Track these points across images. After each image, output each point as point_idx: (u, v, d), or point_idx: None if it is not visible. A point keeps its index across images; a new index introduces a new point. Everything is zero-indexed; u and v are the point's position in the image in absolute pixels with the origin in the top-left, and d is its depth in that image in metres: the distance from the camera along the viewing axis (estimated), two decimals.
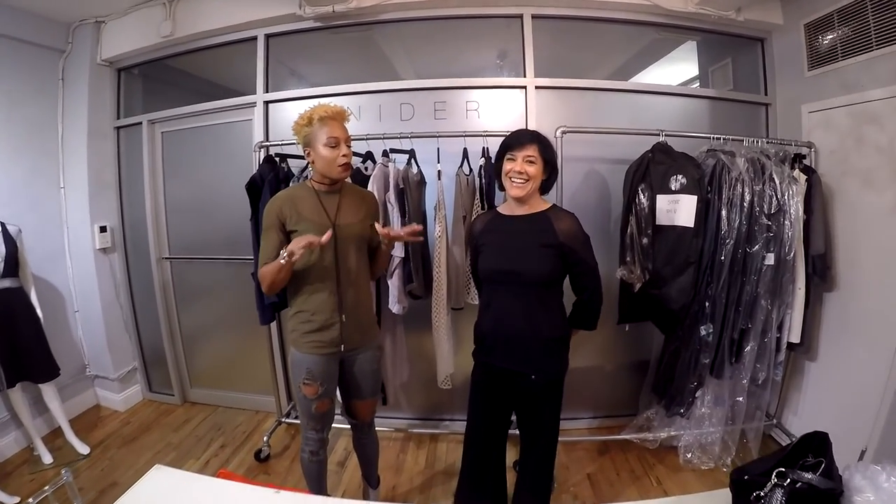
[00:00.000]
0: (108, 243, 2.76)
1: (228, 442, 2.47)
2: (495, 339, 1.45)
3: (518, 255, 1.40)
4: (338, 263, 1.43)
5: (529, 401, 1.48)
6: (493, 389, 1.51)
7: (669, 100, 2.41)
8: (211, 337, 2.86)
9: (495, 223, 1.50)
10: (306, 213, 1.40)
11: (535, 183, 1.40)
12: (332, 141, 1.36)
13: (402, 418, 2.54)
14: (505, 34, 2.38)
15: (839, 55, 2.06)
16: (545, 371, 1.43)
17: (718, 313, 1.98)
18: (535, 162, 1.38)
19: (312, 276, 1.42)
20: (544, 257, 1.38)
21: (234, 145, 2.53)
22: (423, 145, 2.04)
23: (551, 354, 1.44)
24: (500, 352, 1.45)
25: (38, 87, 2.56)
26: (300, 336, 1.45)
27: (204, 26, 2.48)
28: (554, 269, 1.39)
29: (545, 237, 1.39)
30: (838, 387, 2.10)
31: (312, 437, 1.55)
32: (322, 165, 1.39)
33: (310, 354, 1.44)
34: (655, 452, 2.25)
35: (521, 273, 1.38)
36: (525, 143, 1.39)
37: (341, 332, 1.46)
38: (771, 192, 1.94)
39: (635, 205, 1.93)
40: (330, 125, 1.37)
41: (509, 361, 1.44)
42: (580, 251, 1.41)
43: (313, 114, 1.37)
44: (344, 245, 1.44)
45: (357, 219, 1.48)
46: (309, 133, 1.38)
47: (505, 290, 1.43)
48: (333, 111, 1.39)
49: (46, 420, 2.46)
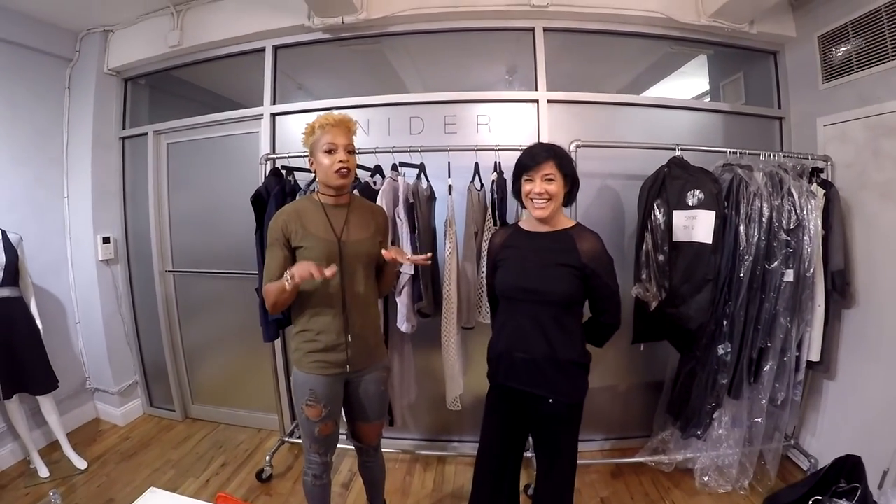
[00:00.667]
0: (111, 255, 2.72)
1: (230, 461, 2.40)
2: (511, 360, 1.39)
3: (538, 273, 1.34)
4: (344, 282, 1.37)
5: (546, 425, 1.41)
6: (508, 413, 1.45)
7: (682, 114, 2.38)
8: (214, 352, 2.81)
9: (515, 239, 1.44)
10: (312, 228, 1.35)
11: (557, 201, 1.34)
12: (330, 146, 1.33)
13: (409, 439, 2.48)
14: (515, 48, 2.36)
15: (854, 67, 2.04)
16: (563, 394, 1.35)
17: (737, 332, 1.92)
18: (555, 179, 1.32)
19: (318, 295, 1.36)
20: (565, 277, 1.32)
21: (240, 158, 2.50)
22: (434, 160, 2.01)
23: (569, 378, 1.37)
24: (517, 373, 1.38)
25: (43, 94, 2.55)
26: (304, 356, 1.39)
27: (212, 37, 2.47)
28: (575, 290, 1.33)
29: (567, 257, 1.33)
30: (858, 406, 2.04)
31: (315, 461, 1.48)
32: (321, 173, 1.36)
33: (313, 375, 1.39)
34: (671, 475, 2.18)
35: (541, 292, 1.32)
36: (541, 161, 1.32)
37: (347, 353, 1.40)
38: (790, 207, 1.90)
39: (651, 221, 1.89)
40: (330, 132, 1.34)
41: (525, 383, 1.37)
42: (603, 274, 1.34)
43: (315, 122, 1.36)
44: (351, 263, 1.38)
45: (365, 235, 1.43)
46: (312, 142, 1.37)
47: (523, 308, 1.36)
48: (335, 119, 1.36)
49: (44, 433, 2.42)
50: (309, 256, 1.31)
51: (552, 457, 1.44)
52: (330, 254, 1.33)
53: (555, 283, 1.32)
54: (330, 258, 1.33)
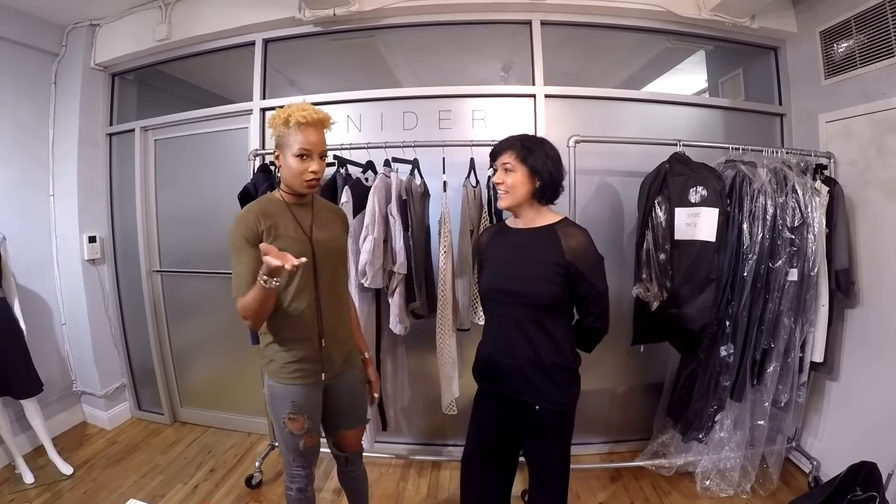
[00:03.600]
0: (98, 254, 2.65)
1: (219, 466, 2.34)
2: (494, 364, 1.33)
3: (519, 272, 1.27)
4: (317, 283, 1.27)
5: (534, 433, 1.33)
6: (495, 418, 1.39)
7: (681, 110, 2.34)
8: (203, 355, 2.74)
9: (499, 237, 1.38)
10: (282, 228, 1.24)
11: (516, 193, 1.26)
12: (304, 152, 1.19)
13: (402, 443, 2.42)
14: (511, 43, 2.31)
15: (857, 62, 2.00)
16: (550, 401, 1.28)
17: (740, 333, 1.87)
18: (514, 170, 1.26)
19: (291, 299, 1.25)
20: (549, 277, 1.24)
21: (229, 154, 2.44)
22: (428, 156, 1.95)
23: (557, 384, 1.28)
24: (502, 379, 1.32)
25: (29, 90, 2.48)
26: (281, 366, 1.29)
27: (200, 30, 2.41)
28: (559, 290, 1.24)
29: (550, 255, 1.25)
30: (861, 408, 2.00)
31: (299, 474, 1.41)
32: (288, 175, 1.23)
33: (293, 385, 1.29)
34: (671, 479, 2.14)
35: (522, 294, 1.25)
36: (500, 150, 1.29)
37: (326, 359, 1.32)
38: (794, 205, 1.85)
39: (652, 218, 1.84)
40: (305, 133, 1.19)
41: (510, 389, 1.31)
42: (588, 273, 1.25)
43: (291, 115, 1.19)
44: (322, 262, 1.28)
45: (334, 233, 1.35)
46: (283, 135, 1.21)
47: (505, 311, 1.30)
48: (314, 117, 1.21)
49: (29, 437, 2.35)
50: None
51: (541, 466, 1.38)
52: (303, 254, 1.20)
53: (537, 284, 1.24)
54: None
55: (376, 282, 1.75)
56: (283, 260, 1.06)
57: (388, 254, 1.78)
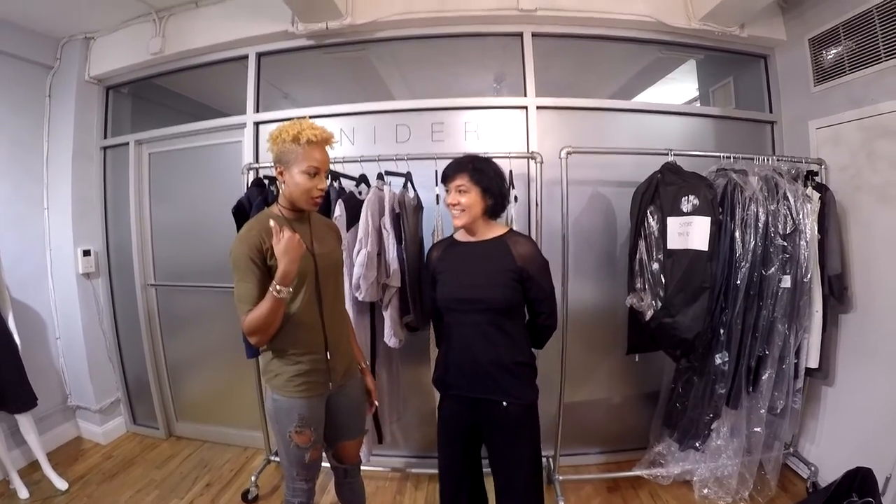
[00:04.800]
0: (92, 268, 2.65)
1: (214, 480, 2.32)
2: (460, 369, 1.41)
3: (476, 281, 1.38)
4: (321, 296, 1.30)
5: (502, 430, 1.40)
6: (463, 423, 1.45)
7: (672, 120, 2.35)
8: (198, 368, 2.73)
9: (451, 251, 1.48)
10: None
11: (471, 212, 1.38)
12: (313, 170, 1.22)
13: (398, 456, 2.40)
14: (503, 55, 2.32)
15: (846, 69, 2.02)
16: (515, 397, 1.38)
17: (734, 340, 1.88)
18: (468, 191, 1.37)
19: (296, 312, 1.26)
20: (503, 283, 1.36)
21: (223, 168, 2.44)
22: (420, 168, 1.95)
23: (519, 379, 1.40)
24: (467, 382, 1.40)
25: (23, 103, 2.49)
26: (287, 380, 1.30)
27: (194, 44, 2.42)
28: (513, 294, 1.37)
29: (503, 263, 1.37)
30: (857, 412, 2.00)
31: (302, 488, 1.41)
32: (295, 192, 1.24)
33: (299, 398, 1.30)
34: (668, 488, 2.13)
35: (481, 300, 1.36)
36: (453, 173, 1.39)
37: (331, 371, 1.33)
38: (786, 211, 1.86)
39: (644, 228, 1.85)
40: (315, 150, 1.23)
41: (477, 390, 1.39)
42: (537, 276, 1.39)
43: (302, 133, 1.20)
44: (325, 276, 1.31)
45: (330, 247, 1.38)
46: (289, 151, 1.22)
47: (465, 318, 1.39)
48: (324, 135, 1.25)
49: (24, 452, 2.33)
50: None
51: (511, 467, 1.42)
52: (307, 268, 1.26)
53: (493, 290, 1.36)
54: (308, 273, 1.26)
55: (370, 295, 1.75)
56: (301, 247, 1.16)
57: (381, 267, 1.77)
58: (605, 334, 2.26)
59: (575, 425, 2.26)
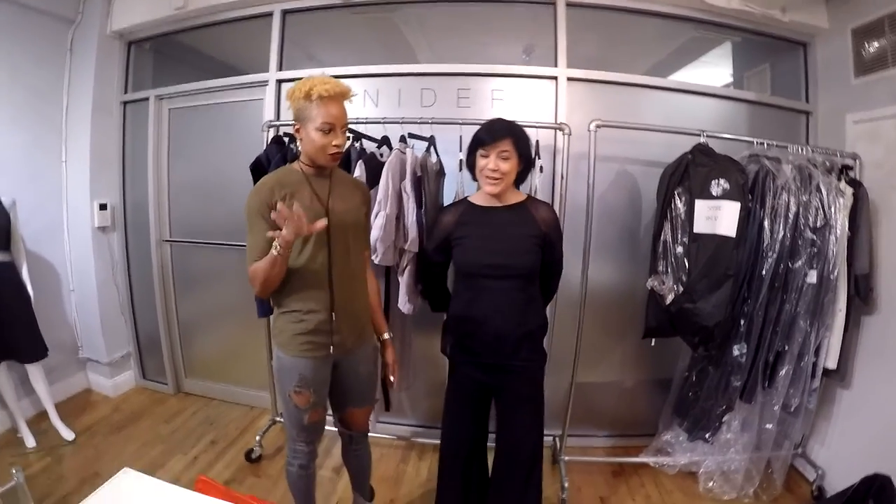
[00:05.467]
0: (108, 222, 2.65)
1: (220, 438, 2.35)
2: (483, 337, 1.39)
3: (505, 247, 1.36)
4: (331, 255, 1.26)
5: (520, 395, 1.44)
6: (477, 389, 1.45)
7: (705, 102, 2.27)
8: (209, 326, 2.74)
9: (472, 215, 1.42)
10: (297, 197, 1.23)
11: (508, 179, 1.35)
12: (327, 126, 1.18)
13: (404, 424, 2.40)
14: (532, 26, 2.24)
15: (889, 63, 1.92)
16: (533, 360, 1.43)
17: (754, 333, 1.83)
18: (510, 158, 1.32)
19: (303, 270, 1.24)
20: (530, 248, 1.37)
21: (243, 126, 2.41)
22: (444, 134, 1.89)
23: (537, 343, 1.45)
24: (489, 349, 1.39)
25: (44, 56, 2.46)
26: (290, 338, 1.28)
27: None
28: (537, 259, 1.39)
29: (528, 228, 1.38)
30: (871, 417, 1.94)
31: (303, 451, 1.40)
32: (310, 149, 1.23)
33: (301, 358, 1.28)
34: (673, 478, 2.11)
35: (509, 266, 1.35)
36: (499, 137, 1.31)
37: (337, 333, 1.30)
38: (817, 204, 1.80)
39: (671, 210, 1.79)
40: (328, 106, 1.18)
41: (498, 355, 1.39)
42: (556, 241, 1.44)
43: (313, 89, 1.17)
44: (337, 234, 1.27)
45: (351, 205, 1.33)
46: (304, 108, 1.20)
47: (492, 283, 1.37)
48: (336, 90, 1.19)
49: (33, 402, 2.37)
50: None
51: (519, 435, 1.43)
52: None
53: (521, 256, 1.36)
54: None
55: (387, 259, 1.72)
56: (300, 224, 1.08)
57: (399, 231, 1.74)
58: (622, 316, 2.22)
59: (584, 406, 2.23)
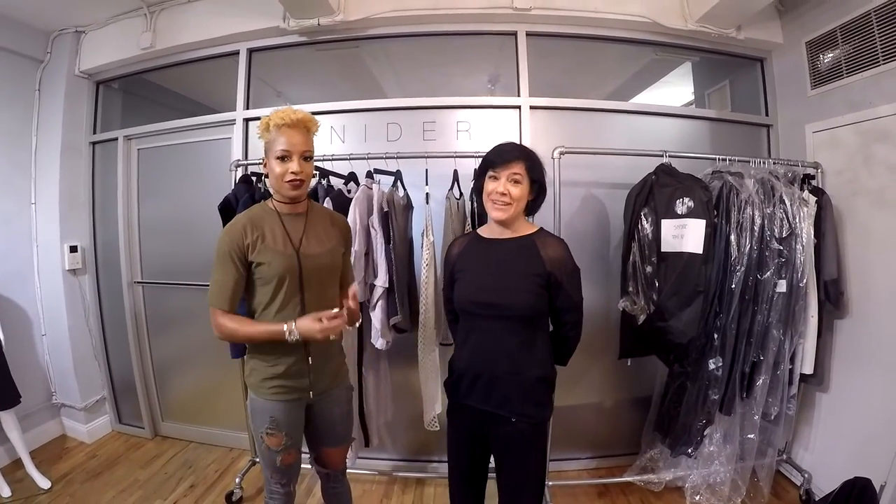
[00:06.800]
0: (79, 264, 2.61)
1: (199, 481, 2.28)
2: (472, 380, 1.28)
3: (500, 284, 1.24)
4: (304, 300, 1.24)
5: (510, 448, 1.30)
6: (472, 431, 1.35)
7: (667, 122, 2.33)
8: (184, 368, 2.69)
9: (474, 247, 1.33)
10: (270, 240, 1.22)
11: (519, 205, 1.24)
12: (283, 153, 1.17)
13: (386, 459, 2.36)
14: (497, 55, 2.29)
15: (843, 72, 2.00)
16: (527, 415, 1.25)
17: (728, 345, 1.85)
18: (521, 181, 1.22)
19: (276, 317, 1.22)
20: (529, 288, 1.22)
21: (212, 164, 2.40)
22: (411, 167, 1.92)
23: (534, 396, 1.26)
24: (477, 392, 1.27)
25: (12, 96, 2.45)
26: (261, 381, 1.27)
27: (185, 39, 2.39)
28: (538, 301, 1.23)
29: (530, 265, 1.23)
30: (852, 419, 1.98)
31: (278, 492, 1.37)
32: (272, 180, 1.22)
33: (273, 401, 1.27)
34: (660, 495, 2.10)
35: (503, 305, 1.22)
36: (510, 159, 1.22)
37: (309, 377, 1.28)
38: (782, 215, 1.84)
39: (638, 230, 1.82)
40: (286, 134, 1.17)
41: (487, 403, 1.27)
42: (566, 283, 1.25)
43: (271, 119, 1.18)
44: (310, 277, 1.25)
45: (325, 247, 1.30)
46: (267, 141, 1.21)
47: (484, 323, 1.26)
48: (292, 118, 1.18)
49: (7, 450, 2.30)
50: (267, 273, 1.20)
51: (517, 483, 1.32)
52: (289, 268, 1.21)
53: (516, 295, 1.22)
54: (289, 273, 1.22)
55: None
56: (317, 328, 1.13)
57: (369, 267, 1.74)
58: (597, 338, 2.22)
59: (565, 430, 2.21)
